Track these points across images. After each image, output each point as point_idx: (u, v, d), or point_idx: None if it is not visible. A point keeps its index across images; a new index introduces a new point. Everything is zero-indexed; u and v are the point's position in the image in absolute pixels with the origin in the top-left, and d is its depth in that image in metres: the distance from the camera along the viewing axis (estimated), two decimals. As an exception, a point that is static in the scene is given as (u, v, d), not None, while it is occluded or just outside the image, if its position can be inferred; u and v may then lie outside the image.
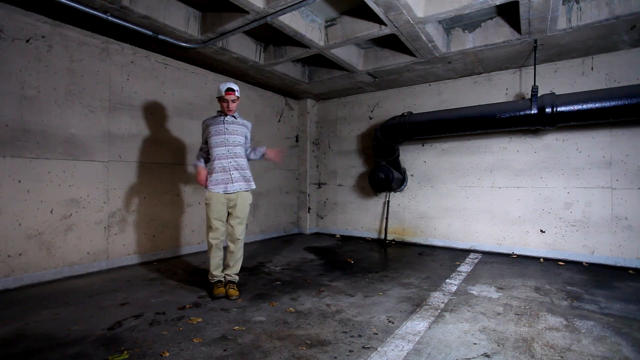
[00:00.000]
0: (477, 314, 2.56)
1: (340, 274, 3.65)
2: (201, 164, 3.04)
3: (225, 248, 3.04)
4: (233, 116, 2.97)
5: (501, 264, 4.13)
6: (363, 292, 3.07)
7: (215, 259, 2.97)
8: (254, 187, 3.03)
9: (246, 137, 3.06)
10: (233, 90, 2.86)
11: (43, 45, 3.31)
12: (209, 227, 2.92)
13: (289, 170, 6.37)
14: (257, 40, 4.43)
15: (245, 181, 2.98)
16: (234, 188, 2.91)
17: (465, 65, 4.58)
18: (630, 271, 3.82)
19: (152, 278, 3.45)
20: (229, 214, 2.97)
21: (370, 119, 5.93)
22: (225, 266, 3.03)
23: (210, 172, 2.93)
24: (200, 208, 4.73)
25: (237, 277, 3.04)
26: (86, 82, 3.61)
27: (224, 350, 1.98)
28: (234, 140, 2.92)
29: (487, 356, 1.94)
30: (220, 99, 2.89)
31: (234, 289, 2.92)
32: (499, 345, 2.07)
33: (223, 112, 2.95)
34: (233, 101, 2.88)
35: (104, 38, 3.74)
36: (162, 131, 4.29)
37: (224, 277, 3.02)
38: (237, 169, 2.93)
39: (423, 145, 5.40)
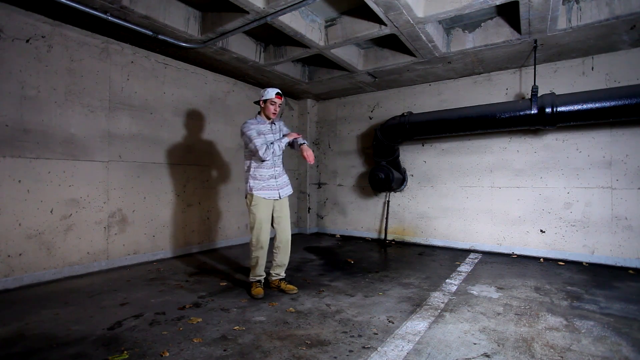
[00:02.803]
0: (477, 314, 2.56)
1: (340, 274, 3.65)
2: (281, 139, 3.00)
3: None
4: (273, 122, 3.08)
5: (501, 264, 4.13)
6: (363, 292, 3.07)
7: (264, 258, 3.04)
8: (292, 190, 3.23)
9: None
10: (281, 95, 2.99)
11: (43, 45, 3.31)
12: (261, 229, 2.95)
13: (289, 170, 6.35)
14: (257, 40, 4.43)
15: (288, 185, 3.16)
16: (284, 193, 3.07)
17: (465, 65, 4.58)
18: (630, 271, 3.81)
19: (152, 278, 3.45)
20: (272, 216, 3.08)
21: (370, 119, 5.93)
22: (278, 265, 3.15)
23: (256, 178, 2.96)
24: (200, 208, 4.73)
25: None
26: (86, 82, 3.61)
27: (224, 350, 1.98)
28: (279, 154, 3.03)
29: (487, 356, 1.94)
30: (267, 102, 2.96)
31: (291, 284, 3.15)
32: (499, 345, 2.07)
33: (266, 116, 3.01)
34: (280, 105, 3.00)
35: (104, 38, 3.74)
36: (162, 131, 4.28)
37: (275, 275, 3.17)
38: (282, 175, 3.09)
39: (423, 145, 5.40)
